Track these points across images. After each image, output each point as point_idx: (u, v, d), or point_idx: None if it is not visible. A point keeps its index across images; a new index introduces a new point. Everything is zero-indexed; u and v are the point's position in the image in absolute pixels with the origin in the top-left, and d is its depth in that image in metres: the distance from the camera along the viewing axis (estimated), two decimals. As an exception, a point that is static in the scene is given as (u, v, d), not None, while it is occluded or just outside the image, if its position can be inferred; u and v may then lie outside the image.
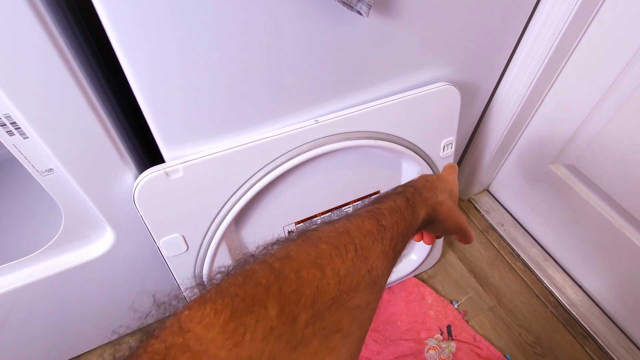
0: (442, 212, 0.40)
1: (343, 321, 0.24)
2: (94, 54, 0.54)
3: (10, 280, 0.61)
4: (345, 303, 0.24)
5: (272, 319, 0.21)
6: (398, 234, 0.32)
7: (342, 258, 0.26)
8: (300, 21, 0.48)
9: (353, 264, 0.26)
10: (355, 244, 0.28)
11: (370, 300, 0.27)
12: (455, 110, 0.69)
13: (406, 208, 0.35)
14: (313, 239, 0.27)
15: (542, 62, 0.75)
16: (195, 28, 0.43)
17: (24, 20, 0.36)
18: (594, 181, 0.83)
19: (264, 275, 0.23)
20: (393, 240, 0.31)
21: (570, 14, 0.67)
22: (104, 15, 0.38)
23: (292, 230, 0.71)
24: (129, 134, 0.60)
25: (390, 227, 0.32)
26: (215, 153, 0.54)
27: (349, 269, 0.26)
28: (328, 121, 0.59)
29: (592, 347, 0.87)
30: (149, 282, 0.76)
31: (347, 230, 0.29)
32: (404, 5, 0.53)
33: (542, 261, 1.00)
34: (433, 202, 0.39)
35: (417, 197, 0.38)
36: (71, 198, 0.54)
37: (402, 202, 0.35)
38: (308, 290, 0.23)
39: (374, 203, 0.35)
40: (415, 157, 0.69)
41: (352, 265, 0.26)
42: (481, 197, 1.14)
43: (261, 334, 0.20)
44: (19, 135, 0.45)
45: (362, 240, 0.28)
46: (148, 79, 0.44)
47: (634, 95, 0.69)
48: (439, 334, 0.88)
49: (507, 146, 0.97)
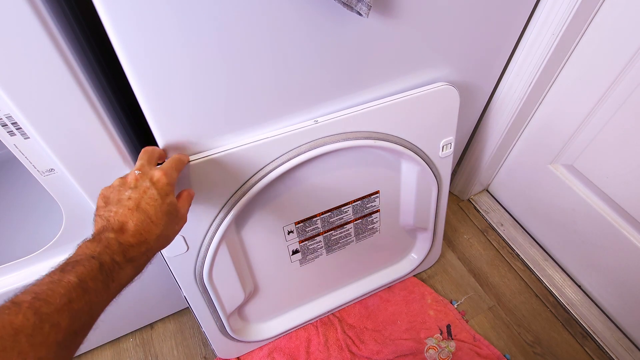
0: (161, 248, 0.40)
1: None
2: (94, 53, 0.55)
3: (11, 280, 0.61)
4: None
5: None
6: (72, 318, 0.30)
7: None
8: (300, 21, 0.48)
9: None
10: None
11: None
12: (454, 110, 0.69)
13: (95, 278, 0.32)
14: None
15: (541, 63, 0.75)
16: (195, 28, 0.43)
17: (25, 20, 0.36)
18: (593, 181, 0.83)
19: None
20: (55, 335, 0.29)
21: (570, 15, 0.67)
22: (104, 13, 0.38)
23: (292, 230, 0.71)
24: (130, 133, 0.60)
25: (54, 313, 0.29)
26: (215, 154, 0.54)
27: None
28: (327, 121, 0.59)
29: (592, 346, 0.87)
30: (149, 281, 0.76)
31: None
32: (403, 6, 0.53)
33: (542, 261, 1.00)
34: (146, 258, 0.38)
35: (118, 259, 0.35)
36: (72, 198, 0.55)
37: (90, 273, 0.32)
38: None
39: (56, 272, 0.32)
40: (415, 157, 0.69)
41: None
42: (481, 197, 1.15)
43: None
44: (20, 136, 0.45)
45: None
46: (148, 78, 0.45)
47: (633, 95, 0.69)
48: (439, 334, 0.89)
49: (506, 146, 0.97)
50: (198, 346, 0.88)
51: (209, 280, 0.65)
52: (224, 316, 0.73)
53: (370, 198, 0.75)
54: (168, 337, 0.89)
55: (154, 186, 0.41)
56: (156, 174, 0.42)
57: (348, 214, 0.75)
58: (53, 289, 0.30)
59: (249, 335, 0.82)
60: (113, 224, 0.37)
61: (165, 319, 0.91)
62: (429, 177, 0.74)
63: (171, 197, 0.42)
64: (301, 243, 0.74)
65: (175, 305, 0.89)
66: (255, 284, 0.75)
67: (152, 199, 0.40)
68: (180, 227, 0.44)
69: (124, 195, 0.40)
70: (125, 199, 0.39)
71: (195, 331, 0.90)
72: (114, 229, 0.37)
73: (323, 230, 0.75)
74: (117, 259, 0.35)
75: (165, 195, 0.41)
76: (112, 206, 0.39)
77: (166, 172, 0.43)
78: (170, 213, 0.41)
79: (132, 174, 0.42)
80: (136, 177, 0.41)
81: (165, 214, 0.40)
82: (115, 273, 0.35)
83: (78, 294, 0.31)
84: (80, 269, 0.32)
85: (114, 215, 0.38)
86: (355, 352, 0.85)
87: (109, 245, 0.35)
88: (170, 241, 0.42)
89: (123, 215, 0.38)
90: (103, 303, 0.34)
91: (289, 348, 0.86)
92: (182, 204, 0.45)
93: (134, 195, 0.39)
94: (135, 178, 0.41)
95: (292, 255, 0.75)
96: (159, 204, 0.40)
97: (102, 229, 0.37)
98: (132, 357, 0.86)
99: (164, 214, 0.40)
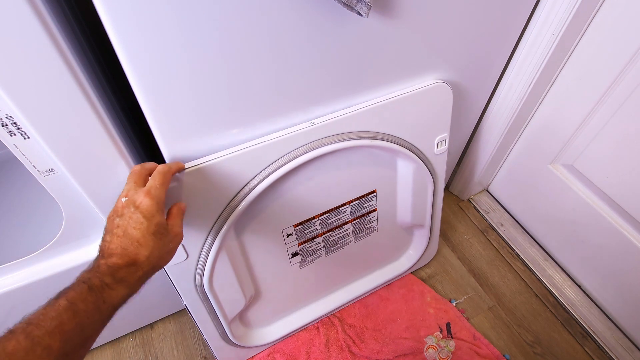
0: (157, 269, 0.42)
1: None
2: (94, 53, 0.55)
3: (11, 280, 0.61)
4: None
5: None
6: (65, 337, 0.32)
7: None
8: (300, 22, 0.48)
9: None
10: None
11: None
12: (447, 107, 0.69)
13: (85, 300, 0.35)
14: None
15: (541, 63, 0.75)
16: (195, 28, 0.43)
17: (25, 20, 0.36)
18: (592, 181, 0.83)
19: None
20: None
21: (570, 15, 0.67)
22: (104, 13, 0.38)
23: (291, 233, 0.71)
24: (130, 134, 0.60)
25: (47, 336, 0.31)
26: (211, 160, 0.54)
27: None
28: (324, 123, 0.59)
29: (591, 346, 0.87)
30: (150, 281, 0.76)
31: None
32: (403, 6, 0.53)
33: (542, 261, 1.00)
34: (138, 277, 0.40)
35: (107, 280, 0.37)
36: (72, 198, 0.55)
37: (80, 296, 0.35)
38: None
39: (52, 299, 0.35)
40: (410, 154, 0.69)
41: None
42: (480, 197, 1.15)
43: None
44: (20, 136, 0.45)
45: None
46: (148, 78, 0.45)
47: (633, 95, 0.69)
48: (439, 332, 0.89)
49: (506, 146, 0.97)
50: (198, 346, 0.88)
51: (209, 287, 0.64)
52: (225, 323, 0.72)
53: (368, 197, 0.75)
54: (168, 337, 0.89)
55: (138, 210, 0.41)
56: (139, 198, 0.42)
57: (346, 214, 0.75)
58: (44, 313, 0.32)
59: (251, 340, 0.81)
60: (104, 252, 0.40)
61: (165, 319, 0.91)
62: (424, 174, 0.75)
63: (158, 217, 0.42)
64: (300, 245, 0.74)
65: (175, 305, 0.89)
66: (256, 289, 0.75)
67: (138, 223, 0.41)
68: (176, 244, 0.45)
69: (114, 223, 0.42)
70: (115, 227, 0.41)
71: (195, 331, 0.90)
72: (104, 256, 0.40)
73: (322, 232, 0.75)
74: (107, 281, 0.37)
75: (152, 216, 0.42)
76: (106, 236, 0.42)
77: (149, 193, 0.43)
78: (158, 233, 0.42)
79: (119, 202, 0.43)
80: (122, 204, 0.43)
81: (153, 234, 0.41)
82: (106, 294, 0.37)
83: (69, 316, 0.33)
84: (70, 293, 0.34)
85: (107, 244, 0.41)
86: (356, 352, 0.85)
87: (98, 269, 0.38)
88: (167, 260, 0.44)
89: (113, 243, 0.40)
90: (95, 324, 0.36)
91: (289, 349, 0.86)
92: (172, 221, 0.46)
93: (121, 223, 0.41)
94: (122, 206, 0.43)
95: (291, 258, 0.75)
96: (145, 226, 0.41)
97: (96, 258, 0.40)
98: (132, 357, 0.86)
99: (152, 235, 0.41)
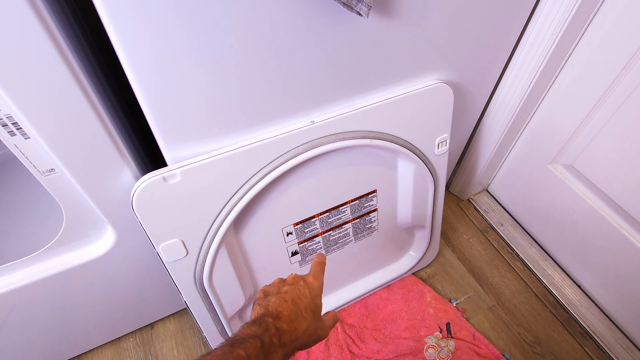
0: (304, 347, 0.44)
1: None
2: (95, 53, 0.55)
3: (11, 280, 0.61)
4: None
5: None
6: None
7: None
8: (301, 22, 0.48)
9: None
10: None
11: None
12: (448, 108, 0.69)
13: (257, 356, 0.37)
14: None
15: (541, 63, 0.75)
16: (195, 29, 0.43)
17: (25, 20, 0.37)
18: (592, 181, 0.83)
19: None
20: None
21: (570, 15, 0.67)
22: (105, 14, 0.38)
23: (290, 232, 0.71)
24: (130, 134, 0.60)
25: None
26: (212, 157, 0.54)
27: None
28: (324, 122, 0.59)
29: (591, 346, 0.87)
30: (150, 281, 0.76)
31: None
32: (403, 7, 0.53)
33: (541, 261, 1.00)
34: (292, 347, 0.42)
35: (275, 341, 0.40)
36: (72, 198, 0.55)
37: (254, 350, 0.37)
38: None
39: (226, 346, 0.37)
40: (411, 155, 0.69)
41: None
42: (480, 197, 1.15)
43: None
44: (21, 136, 0.45)
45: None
46: (148, 78, 0.45)
47: (633, 95, 0.69)
48: (438, 332, 0.89)
49: (506, 146, 0.98)
50: (198, 346, 0.88)
51: (209, 284, 0.64)
52: (225, 320, 0.72)
53: (368, 197, 0.75)
54: (168, 337, 0.89)
55: (307, 286, 0.47)
56: (309, 278, 0.49)
57: (346, 214, 0.75)
58: (225, 359, 0.36)
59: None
60: (271, 311, 0.43)
61: (165, 319, 0.91)
62: (425, 175, 0.75)
63: (318, 300, 0.47)
64: (300, 244, 0.74)
65: (175, 305, 0.89)
66: (255, 287, 0.75)
67: (304, 296, 0.46)
68: (321, 335, 0.47)
69: (282, 289, 0.46)
70: (282, 292, 0.46)
71: (195, 331, 0.90)
72: (272, 315, 0.42)
73: (322, 231, 0.75)
74: (274, 341, 0.40)
75: (315, 296, 0.47)
76: (271, 297, 0.45)
77: (315, 276, 0.49)
78: (315, 313, 0.46)
79: (290, 275, 0.50)
80: (293, 276, 0.49)
81: (312, 311, 0.45)
82: (271, 354, 0.39)
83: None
84: (247, 345, 0.38)
85: (272, 304, 0.44)
86: (356, 352, 0.86)
87: (268, 328, 0.40)
88: (313, 342, 0.46)
89: (279, 305, 0.44)
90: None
91: (289, 348, 0.86)
92: (325, 316, 0.50)
93: (290, 290, 0.46)
94: (292, 277, 0.49)
95: (291, 257, 0.75)
96: (309, 301, 0.46)
97: (262, 315, 0.43)
98: (132, 356, 0.86)
99: (311, 312, 0.45)
